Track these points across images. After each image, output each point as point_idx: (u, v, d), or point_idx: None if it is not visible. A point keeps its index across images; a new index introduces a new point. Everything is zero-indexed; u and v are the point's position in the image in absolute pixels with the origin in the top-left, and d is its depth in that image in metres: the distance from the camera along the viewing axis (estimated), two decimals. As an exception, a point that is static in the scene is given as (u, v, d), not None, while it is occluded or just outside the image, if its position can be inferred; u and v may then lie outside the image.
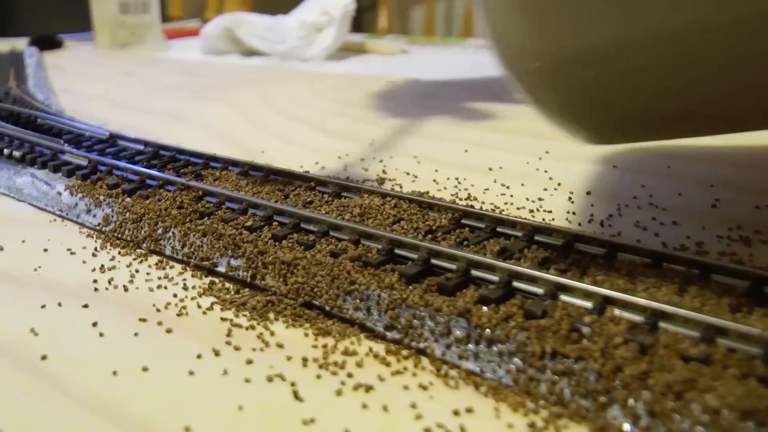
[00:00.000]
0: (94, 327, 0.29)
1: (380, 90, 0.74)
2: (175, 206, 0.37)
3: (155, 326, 0.29)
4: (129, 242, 0.37)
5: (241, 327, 0.29)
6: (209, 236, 0.34)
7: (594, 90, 0.30)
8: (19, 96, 0.67)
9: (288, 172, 0.40)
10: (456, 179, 0.45)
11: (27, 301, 0.32)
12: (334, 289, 0.29)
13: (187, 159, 0.45)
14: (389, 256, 0.31)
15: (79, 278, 0.34)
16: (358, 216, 0.34)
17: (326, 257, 0.31)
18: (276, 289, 0.30)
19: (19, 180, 0.45)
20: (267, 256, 0.31)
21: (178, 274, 0.34)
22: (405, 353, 0.27)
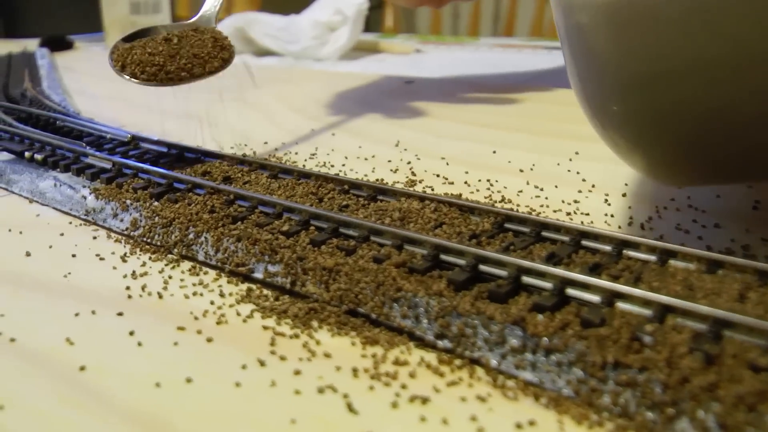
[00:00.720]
0: (132, 336, 0.28)
1: (399, 90, 0.73)
2: (206, 210, 0.36)
3: (195, 335, 0.28)
4: (159, 247, 0.36)
5: (285, 336, 0.28)
6: (244, 241, 0.33)
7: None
8: (35, 98, 0.67)
9: (320, 175, 0.39)
10: (488, 181, 0.44)
11: (59, 309, 0.31)
12: (380, 297, 0.28)
13: (214, 162, 0.44)
14: (435, 261, 0.30)
15: (111, 285, 0.33)
16: (399, 220, 0.33)
17: (369, 263, 0.30)
18: (318, 296, 0.29)
19: (42, 184, 0.44)
20: (307, 262, 0.30)
21: (213, 281, 0.33)
22: (458, 363, 0.26)
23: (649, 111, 0.28)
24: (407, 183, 0.44)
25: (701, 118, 0.27)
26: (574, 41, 0.28)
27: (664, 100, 0.27)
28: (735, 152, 0.29)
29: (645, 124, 0.28)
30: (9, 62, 0.87)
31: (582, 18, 0.27)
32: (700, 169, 0.31)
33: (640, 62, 0.26)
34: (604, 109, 0.29)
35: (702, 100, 0.27)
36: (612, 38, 0.27)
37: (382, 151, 0.51)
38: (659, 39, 0.26)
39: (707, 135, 0.28)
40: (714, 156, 0.29)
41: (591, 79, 0.29)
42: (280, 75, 0.83)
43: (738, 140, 0.28)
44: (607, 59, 0.27)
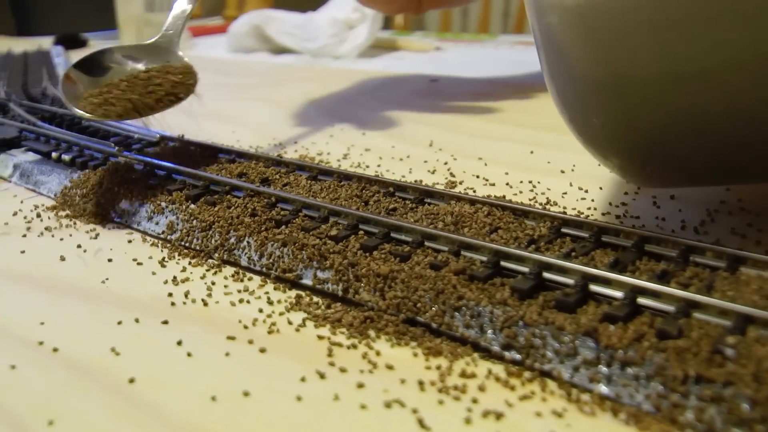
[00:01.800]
0: (180, 346, 0.27)
1: (425, 88, 0.72)
2: (247, 214, 0.35)
3: (246, 345, 0.27)
4: (199, 252, 0.35)
5: (342, 346, 0.27)
6: (290, 246, 0.31)
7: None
8: (57, 97, 0.65)
9: (363, 177, 0.38)
10: (530, 182, 0.43)
11: (101, 317, 0.30)
12: (440, 305, 0.27)
13: (249, 163, 0.42)
14: (495, 268, 0.28)
15: (153, 291, 0.32)
16: (452, 225, 0.32)
17: (426, 270, 0.28)
18: (373, 304, 0.28)
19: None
20: (359, 269, 0.29)
21: (259, 287, 0.31)
22: (528, 375, 0.25)
23: (618, 114, 0.28)
24: (447, 184, 0.42)
25: (669, 123, 0.27)
26: (546, 42, 0.28)
27: (632, 104, 0.27)
28: (701, 156, 0.29)
29: (615, 126, 0.29)
30: (25, 61, 0.86)
31: (552, 19, 0.27)
32: (671, 172, 0.31)
33: (609, 65, 0.26)
34: (575, 110, 0.30)
35: (670, 105, 0.27)
36: (581, 40, 0.27)
37: (416, 151, 0.49)
38: (626, 43, 0.26)
39: (676, 139, 0.28)
40: (682, 160, 0.30)
41: (562, 80, 0.29)
42: (302, 73, 0.81)
43: (703, 145, 0.28)
44: (577, 61, 0.27)
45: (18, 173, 0.47)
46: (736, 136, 0.27)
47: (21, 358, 0.27)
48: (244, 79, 0.80)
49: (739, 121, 0.26)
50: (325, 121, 0.59)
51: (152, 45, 0.48)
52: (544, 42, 0.29)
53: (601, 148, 0.31)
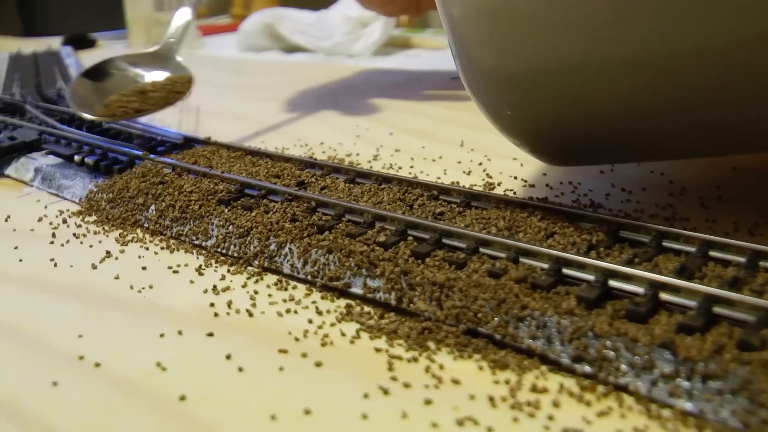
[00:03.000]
0: (229, 360, 0.26)
1: (447, 86, 0.71)
2: (287, 219, 0.33)
3: (300, 359, 0.26)
4: (237, 259, 0.33)
5: (402, 359, 0.25)
6: (336, 253, 0.30)
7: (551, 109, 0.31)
8: (72, 97, 0.64)
9: (404, 180, 0.37)
10: (570, 183, 0.41)
11: (142, 329, 0.28)
12: (503, 315, 0.26)
13: (282, 165, 0.41)
14: (558, 276, 0.27)
15: (193, 301, 0.30)
16: (506, 230, 0.30)
17: (485, 278, 0.27)
18: (430, 314, 0.27)
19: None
20: (412, 277, 0.28)
21: (305, 296, 0.30)
22: (602, 390, 0.23)
23: (519, 102, 0.30)
24: (485, 186, 0.41)
25: (563, 110, 0.30)
26: (452, 33, 0.30)
27: (529, 94, 0.29)
28: (597, 139, 0.32)
29: (518, 113, 0.31)
30: (36, 61, 0.85)
31: (454, 11, 0.29)
32: (575, 153, 0.34)
33: (505, 58, 0.28)
34: (483, 98, 0.32)
35: (562, 94, 0.29)
36: (479, 33, 0.28)
37: (448, 151, 0.48)
38: (520, 34, 0.28)
39: (572, 125, 0.31)
40: (582, 142, 0.32)
41: (469, 70, 0.31)
42: (318, 71, 0.80)
43: (596, 128, 0.31)
44: (477, 52, 0.29)
45: (40, 177, 0.46)
46: (620, 119, 0.30)
47: (62, 374, 0.26)
48: (260, 78, 0.79)
49: (620, 106, 0.29)
50: (349, 120, 0.58)
51: (154, 53, 0.53)
52: (450, 34, 0.30)
53: (509, 132, 0.33)
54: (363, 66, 0.84)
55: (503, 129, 0.33)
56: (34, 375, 0.26)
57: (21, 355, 0.27)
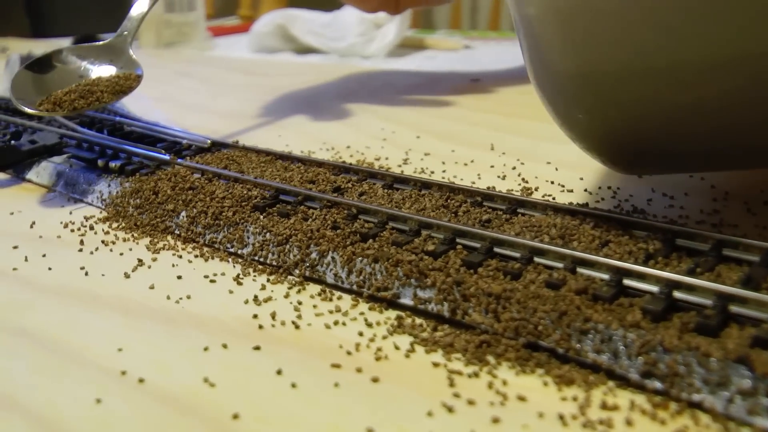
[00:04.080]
0: (280, 376, 0.25)
1: (468, 88, 0.70)
2: (327, 226, 0.32)
3: (355, 374, 0.25)
4: (277, 268, 0.32)
5: (462, 374, 0.24)
6: (383, 263, 0.29)
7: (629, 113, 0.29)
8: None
9: (445, 185, 0.36)
10: (609, 188, 0.40)
11: (184, 342, 0.27)
12: (564, 328, 0.25)
13: (316, 170, 0.40)
14: (619, 287, 0.26)
15: (235, 312, 0.29)
16: (559, 238, 0.29)
17: (543, 289, 0.26)
18: (486, 326, 0.26)
19: (125, 195, 0.40)
20: (466, 287, 0.27)
21: (352, 307, 0.29)
22: (675, 407, 0.22)
23: (595, 106, 0.29)
24: (523, 191, 0.40)
25: (643, 115, 0.28)
26: (525, 34, 0.29)
27: (607, 97, 0.28)
28: (674, 146, 0.30)
29: (593, 117, 0.30)
30: (47, 63, 0.84)
31: (530, 10, 0.28)
32: (649, 160, 0.32)
33: (584, 59, 0.27)
34: (555, 101, 0.30)
35: (643, 98, 0.28)
36: (557, 33, 0.27)
37: (479, 155, 0.47)
38: (600, 37, 0.26)
39: (650, 130, 0.29)
40: (658, 149, 0.31)
41: (542, 72, 0.30)
42: (334, 73, 0.79)
43: (676, 135, 0.29)
44: (554, 54, 0.28)
45: (62, 182, 0.45)
46: (704, 126, 0.28)
47: (105, 390, 0.25)
48: (275, 80, 0.78)
49: (707, 112, 0.28)
50: (373, 123, 0.57)
51: (105, 45, 0.50)
52: (523, 34, 0.29)
53: (582, 138, 0.31)
54: (379, 67, 0.83)
55: (574, 134, 0.32)
56: (76, 391, 0.25)
57: (61, 369, 0.26)
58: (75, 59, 0.49)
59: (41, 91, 0.45)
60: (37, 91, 0.45)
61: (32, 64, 0.47)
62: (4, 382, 0.25)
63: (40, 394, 0.24)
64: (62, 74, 0.47)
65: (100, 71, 0.48)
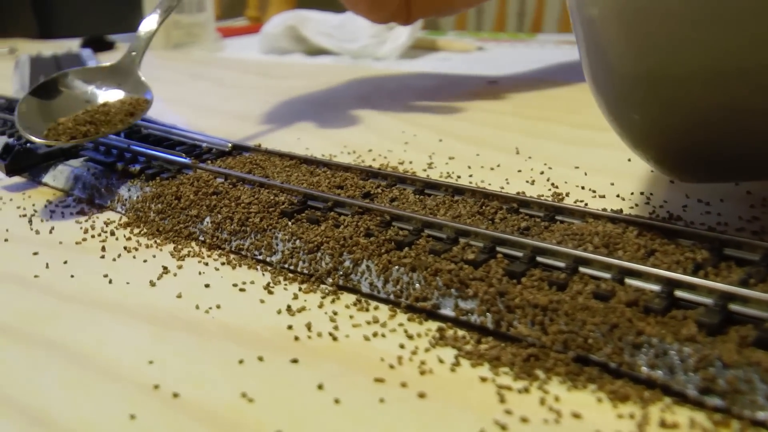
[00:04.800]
0: (321, 391, 0.24)
1: (486, 90, 0.69)
2: (360, 233, 0.31)
3: (399, 389, 0.24)
4: (308, 276, 0.31)
5: (512, 389, 0.23)
6: (421, 272, 0.28)
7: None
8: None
9: (478, 191, 0.35)
10: (641, 194, 0.40)
11: (217, 354, 0.26)
12: (616, 342, 0.24)
13: (343, 174, 0.39)
14: (671, 299, 0.25)
15: (268, 323, 0.28)
16: (603, 247, 0.28)
17: (591, 300, 0.25)
18: (533, 339, 0.25)
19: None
20: (511, 298, 0.26)
21: (390, 318, 0.28)
22: (738, 425, 0.21)
23: (657, 109, 0.28)
24: (554, 197, 0.39)
25: (708, 119, 0.27)
26: (586, 36, 0.28)
27: (672, 99, 0.27)
28: (738, 153, 0.29)
29: (653, 121, 0.28)
30: (58, 64, 0.83)
31: (593, 12, 0.27)
32: (709, 167, 0.31)
33: (648, 60, 0.26)
34: (614, 104, 0.29)
35: (710, 102, 0.26)
36: (621, 34, 0.27)
37: (505, 159, 0.46)
38: (666, 38, 0.25)
39: (714, 135, 0.28)
40: (720, 156, 0.29)
41: (602, 74, 0.29)
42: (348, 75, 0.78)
43: (741, 141, 0.28)
44: (617, 55, 0.27)
45: (80, 185, 0.44)
46: None
47: (139, 406, 0.24)
48: (289, 82, 0.77)
49: None
50: (394, 126, 0.56)
51: (113, 67, 0.49)
52: (584, 35, 0.28)
53: (639, 142, 0.30)
54: (394, 69, 0.82)
55: (632, 139, 0.31)
56: (108, 406, 0.24)
57: (91, 382, 0.25)
58: (81, 83, 0.47)
59: (47, 118, 0.44)
60: (44, 118, 0.44)
61: (38, 90, 0.45)
62: (35, 396, 0.24)
63: (72, 410, 0.23)
64: (68, 100, 0.46)
65: (107, 96, 0.47)
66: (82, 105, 0.46)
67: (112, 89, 0.48)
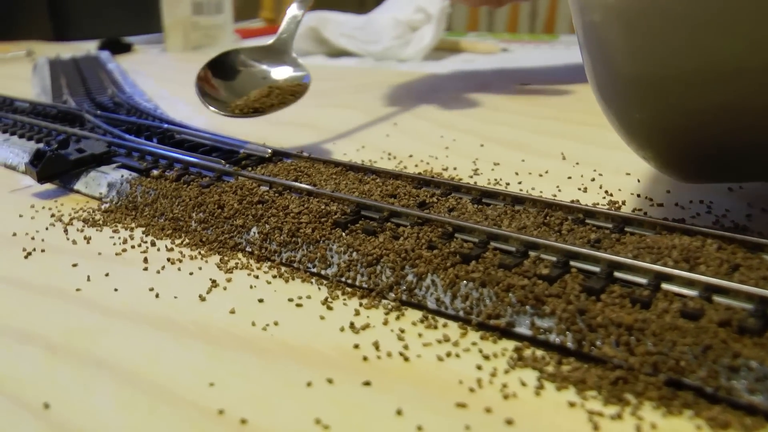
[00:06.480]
0: (401, 417, 0.23)
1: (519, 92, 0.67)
2: (422, 246, 0.30)
3: (485, 415, 0.22)
4: (368, 291, 0.30)
5: (604, 416, 0.22)
6: (492, 287, 0.27)
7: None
8: (131, 106, 0.61)
9: (540, 201, 0.33)
10: (701, 202, 0.38)
11: (281, 376, 0.25)
12: (711, 364, 0.22)
13: (394, 182, 0.38)
14: (765, 319, 0.24)
15: (332, 341, 0.27)
16: (683, 262, 0.27)
17: (679, 319, 0.24)
18: (619, 361, 0.24)
19: (187, 208, 0.38)
20: (592, 316, 0.25)
21: (462, 336, 0.27)
22: None
23: (658, 109, 0.28)
24: (610, 205, 0.38)
25: (708, 119, 0.28)
26: (588, 39, 0.29)
27: (672, 100, 0.28)
28: (739, 152, 0.29)
29: (654, 121, 0.29)
30: (77, 67, 0.82)
31: (595, 16, 0.28)
32: (710, 167, 0.32)
33: (649, 62, 0.27)
34: (616, 105, 0.30)
35: (709, 102, 0.27)
36: (622, 37, 0.27)
37: (552, 165, 0.45)
38: (667, 40, 0.26)
39: (715, 135, 0.29)
40: (721, 156, 0.30)
41: (604, 76, 0.29)
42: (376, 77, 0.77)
43: (742, 141, 0.29)
44: (618, 58, 0.28)
45: (114, 193, 0.43)
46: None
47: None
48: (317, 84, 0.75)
49: None
50: (431, 130, 0.55)
51: (270, 47, 0.52)
52: (586, 39, 0.29)
53: (641, 143, 0.31)
54: (420, 71, 0.81)
55: (634, 139, 0.31)
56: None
57: (150, 406, 0.24)
58: (253, 62, 0.51)
59: (232, 95, 0.48)
60: (229, 94, 0.48)
61: (212, 67, 0.50)
62: (91, 421, 0.23)
63: (135, 437, 0.22)
64: (248, 77, 0.50)
65: (279, 73, 0.51)
66: (260, 81, 0.50)
67: (280, 66, 0.51)
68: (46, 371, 0.26)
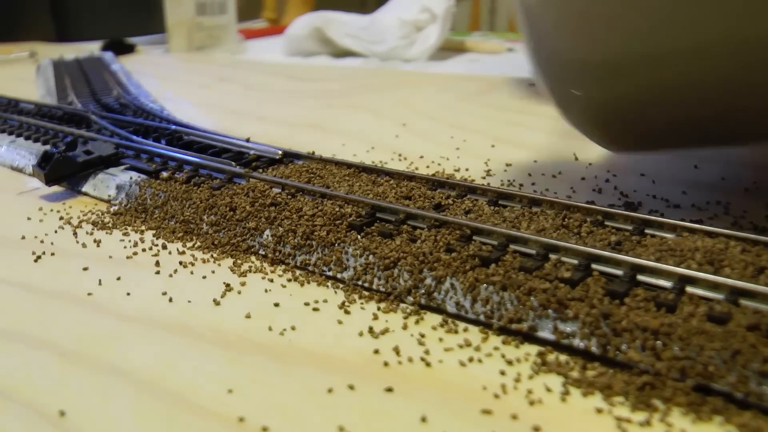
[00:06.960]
0: (426, 424, 0.22)
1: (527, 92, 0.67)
2: (440, 248, 0.30)
3: (511, 422, 0.22)
4: (385, 294, 0.30)
5: (632, 422, 0.22)
6: (513, 291, 0.26)
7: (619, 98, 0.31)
8: (137, 107, 0.60)
9: (557, 202, 0.33)
10: (718, 203, 0.38)
11: (302, 382, 0.25)
12: (740, 369, 0.22)
13: (408, 184, 0.37)
14: (793, 322, 0.23)
15: (352, 346, 0.27)
16: (707, 264, 0.27)
17: (706, 323, 0.23)
18: (646, 365, 0.23)
19: (199, 211, 0.38)
20: (616, 321, 0.24)
21: (483, 341, 0.26)
22: None
23: (592, 87, 0.30)
24: (626, 206, 0.37)
25: (639, 96, 0.30)
26: (526, 21, 0.31)
27: (604, 79, 0.29)
28: (670, 125, 0.31)
29: (590, 98, 0.31)
30: (81, 68, 0.81)
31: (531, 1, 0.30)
32: (643, 139, 0.34)
33: (582, 44, 0.28)
34: (553, 83, 0.32)
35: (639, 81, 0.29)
36: (556, 20, 0.29)
37: (565, 167, 0.44)
38: (597, 24, 0.27)
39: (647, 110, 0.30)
40: (655, 129, 0.32)
41: (543, 56, 0.31)
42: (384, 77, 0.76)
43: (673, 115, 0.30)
44: (553, 39, 0.30)
45: (123, 195, 0.42)
46: (699, 107, 0.29)
47: (227, 440, 0.22)
48: (321, 85, 0.75)
49: (701, 94, 0.29)
50: (441, 131, 0.54)
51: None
52: (524, 20, 0.31)
53: (578, 119, 0.33)
54: (426, 71, 0.81)
55: (570, 114, 0.33)
56: (193, 441, 0.22)
57: (168, 414, 0.23)
58: None
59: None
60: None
61: None
62: (109, 428, 0.22)
63: (156, 447, 0.22)
64: None
65: None
66: None
67: None
68: (61, 378, 0.25)
